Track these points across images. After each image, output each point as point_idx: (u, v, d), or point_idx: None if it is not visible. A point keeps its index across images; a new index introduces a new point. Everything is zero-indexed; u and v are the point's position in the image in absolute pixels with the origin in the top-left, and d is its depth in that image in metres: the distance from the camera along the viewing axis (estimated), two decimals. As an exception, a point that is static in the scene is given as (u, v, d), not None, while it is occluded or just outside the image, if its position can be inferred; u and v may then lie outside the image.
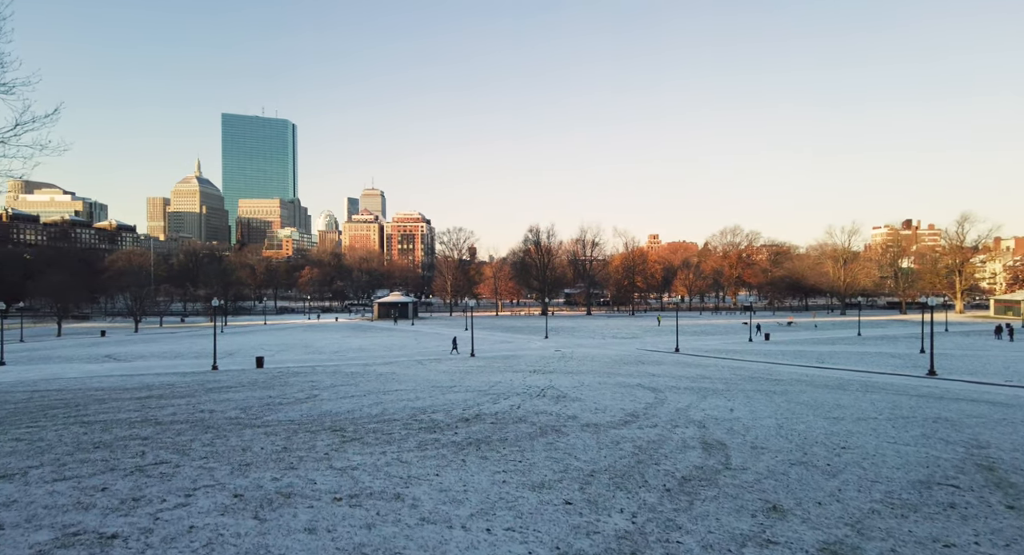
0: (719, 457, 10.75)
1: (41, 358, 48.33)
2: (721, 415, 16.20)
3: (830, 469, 10.03)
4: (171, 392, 21.37)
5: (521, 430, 13.30)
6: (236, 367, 37.98)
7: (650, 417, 15.38)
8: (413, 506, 7.80)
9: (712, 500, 8.22)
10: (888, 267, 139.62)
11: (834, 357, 42.06)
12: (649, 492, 8.55)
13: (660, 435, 12.88)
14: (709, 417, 15.70)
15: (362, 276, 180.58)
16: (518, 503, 8.02)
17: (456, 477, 9.33)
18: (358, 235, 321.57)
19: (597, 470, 9.76)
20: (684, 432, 13.34)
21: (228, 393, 20.81)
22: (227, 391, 21.56)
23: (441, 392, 21.01)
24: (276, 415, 15.63)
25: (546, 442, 12.04)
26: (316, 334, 74.60)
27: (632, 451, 11.15)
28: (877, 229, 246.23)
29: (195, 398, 19.28)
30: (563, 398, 19.04)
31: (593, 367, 33.48)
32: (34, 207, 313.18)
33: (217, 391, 21.58)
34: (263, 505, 7.72)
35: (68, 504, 7.68)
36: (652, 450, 11.27)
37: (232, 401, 18.38)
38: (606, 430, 13.35)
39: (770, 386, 24.72)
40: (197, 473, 9.45)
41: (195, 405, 17.71)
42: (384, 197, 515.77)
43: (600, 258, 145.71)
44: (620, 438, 12.46)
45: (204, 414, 15.89)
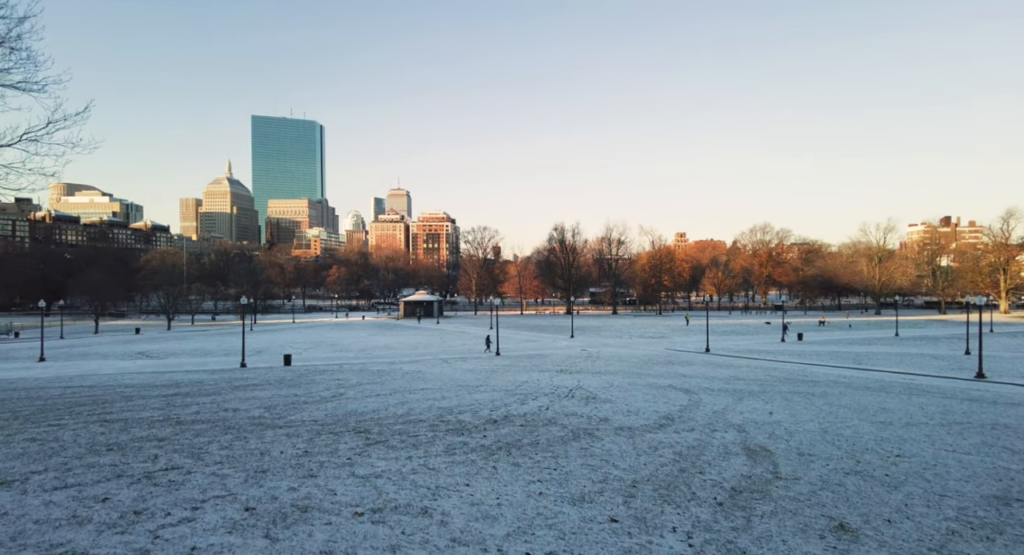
0: (766, 465, 10.04)
1: (79, 355, 49.57)
2: (760, 418, 15.42)
3: (890, 480, 9.23)
4: (198, 389, 21.40)
5: (552, 433, 12.71)
6: (264, 365, 38.24)
7: (686, 420, 14.68)
8: (442, 523, 7.14)
9: (771, 516, 7.53)
10: (926, 265, 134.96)
11: (872, 358, 40.50)
12: (700, 506, 7.87)
13: (699, 440, 12.20)
14: (748, 421, 14.93)
15: (388, 275, 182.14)
16: (558, 520, 7.34)
17: (488, 487, 8.69)
18: (384, 235, 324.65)
19: (639, 480, 9.09)
20: (724, 437, 12.63)
21: (254, 391, 20.74)
22: (253, 389, 21.51)
23: (467, 392, 20.60)
24: (300, 414, 15.35)
25: (580, 447, 11.42)
26: (343, 332, 75.17)
27: (673, 458, 10.50)
28: (913, 227, 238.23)
29: (220, 396, 19.22)
30: (593, 399, 18.42)
31: (621, 367, 32.72)
32: (75, 208, 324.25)
33: (243, 389, 21.56)
34: (276, 521, 7.09)
35: (62, 518, 7.14)
36: (694, 457, 10.60)
37: (257, 400, 18.26)
38: (641, 434, 12.71)
39: (807, 388, 23.71)
40: (208, 481, 8.90)
41: (219, 403, 17.57)
42: (410, 197, 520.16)
43: (626, 257, 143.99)
44: (657, 443, 11.82)
45: (227, 413, 15.68)
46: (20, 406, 17.26)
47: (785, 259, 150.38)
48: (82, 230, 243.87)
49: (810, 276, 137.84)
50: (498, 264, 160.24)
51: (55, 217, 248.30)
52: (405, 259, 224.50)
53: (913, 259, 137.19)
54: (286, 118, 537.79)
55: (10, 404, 17.80)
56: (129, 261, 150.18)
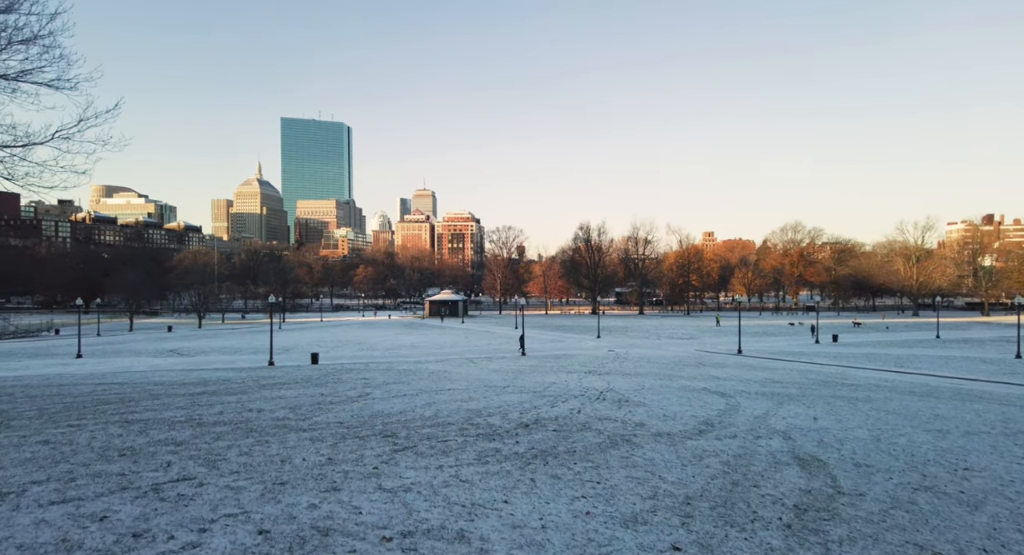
0: (823, 478, 9.23)
1: (114, 352, 50.67)
2: (804, 424, 14.54)
3: (966, 498, 8.36)
4: (225, 388, 21.31)
5: (588, 439, 12.06)
6: (292, 363, 38.39)
7: (726, 426, 13.89)
8: (482, 551, 6.29)
9: (850, 544, 6.66)
10: (966, 265, 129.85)
11: (913, 361, 38.79)
12: (767, 529, 7.06)
13: (744, 448, 11.42)
14: (792, 427, 14.07)
15: (414, 274, 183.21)
16: (613, 548, 6.46)
17: (529, 505, 7.91)
18: (410, 235, 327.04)
19: (692, 496, 8.32)
20: (770, 444, 11.83)
21: (280, 390, 20.56)
22: (280, 388, 21.35)
23: (495, 393, 20.08)
24: (325, 416, 14.99)
25: (620, 455, 10.71)
26: (369, 331, 75.55)
27: (721, 469, 9.77)
28: (953, 225, 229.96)
29: (246, 395, 19.05)
30: (626, 402, 17.71)
31: (651, 369, 31.84)
32: (113, 210, 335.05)
33: (270, 388, 21.41)
34: (293, 547, 6.22)
35: (51, 542, 6.29)
36: (743, 467, 9.85)
37: (283, 399, 18.01)
38: (681, 440, 11.99)
39: (849, 392, 22.58)
40: (221, 495, 8.12)
41: (244, 403, 17.32)
42: (435, 197, 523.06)
43: (653, 256, 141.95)
44: (701, 451, 11.08)
45: (251, 414, 15.36)
46: (49, 404, 17.31)
47: (817, 259, 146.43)
48: (119, 230, 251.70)
49: (843, 276, 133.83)
50: (523, 264, 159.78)
51: (94, 218, 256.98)
52: (430, 259, 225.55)
53: (953, 258, 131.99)
54: (314, 120, 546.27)
55: (40, 401, 17.90)
56: (163, 261, 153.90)
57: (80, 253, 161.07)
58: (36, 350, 53.14)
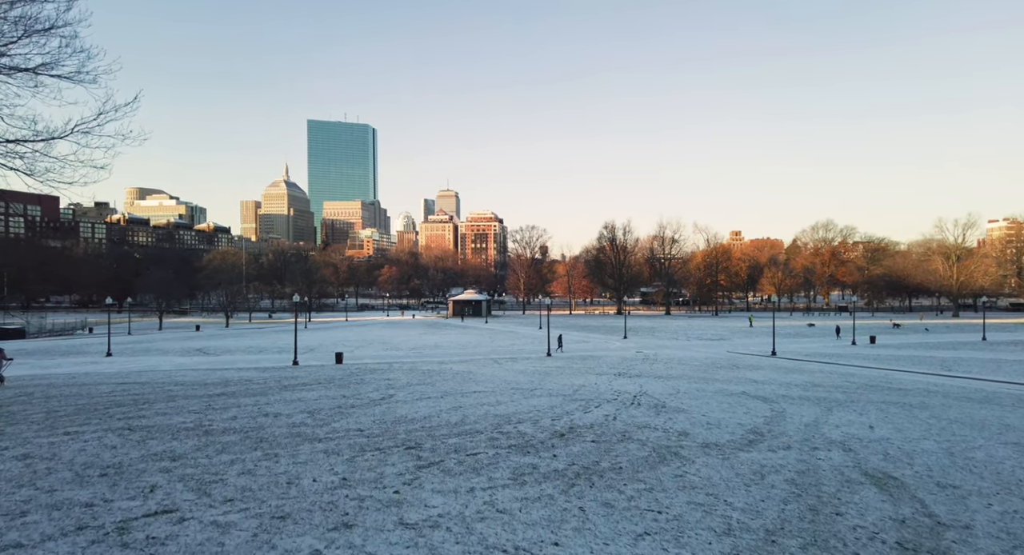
0: (911, 503, 8.08)
1: (142, 350, 51.25)
2: (861, 433, 13.35)
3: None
4: (244, 389, 20.79)
5: (632, 452, 10.97)
6: (316, 363, 38.13)
7: (777, 435, 12.79)
8: None
9: None
10: (1010, 264, 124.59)
11: (962, 364, 36.77)
12: None
13: (804, 462, 10.32)
14: (849, 436, 12.91)
15: (437, 274, 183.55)
16: None
17: (584, 547, 6.50)
18: (434, 235, 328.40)
19: (772, 529, 7.10)
20: (831, 458, 10.71)
21: (301, 392, 19.97)
22: (301, 389, 20.78)
23: (523, 396, 19.20)
24: (345, 421, 14.22)
25: (672, 474, 9.55)
26: (393, 330, 75.43)
27: (789, 489, 8.68)
28: (994, 223, 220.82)
29: (265, 397, 18.47)
30: (663, 408, 16.66)
31: (684, 371, 30.63)
32: (146, 211, 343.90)
33: (291, 389, 20.84)
34: None
35: None
36: (812, 487, 8.76)
37: (303, 402, 17.38)
38: (733, 453, 10.91)
39: (899, 397, 21.14)
40: (203, 538, 6.55)
41: (261, 407, 16.65)
42: (459, 198, 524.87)
43: (679, 256, 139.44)
44: (759, 466, 10.00)
45: (266, 419, 14.57)
46: (61, 405, 16.89)
47: (849, 258, 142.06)
48: (151, 231, 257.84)
49: (877, 276, 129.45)
50: (546, 263, 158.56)
51: (128, 220, 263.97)
52: (454, 259, 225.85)
53: (995, 257, 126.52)
54: (340, 122, 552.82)
55: (55, 402, 17.53)
56: (192, 261, 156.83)
57: (114, 254, 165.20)
58: (69, 348, 54.08)
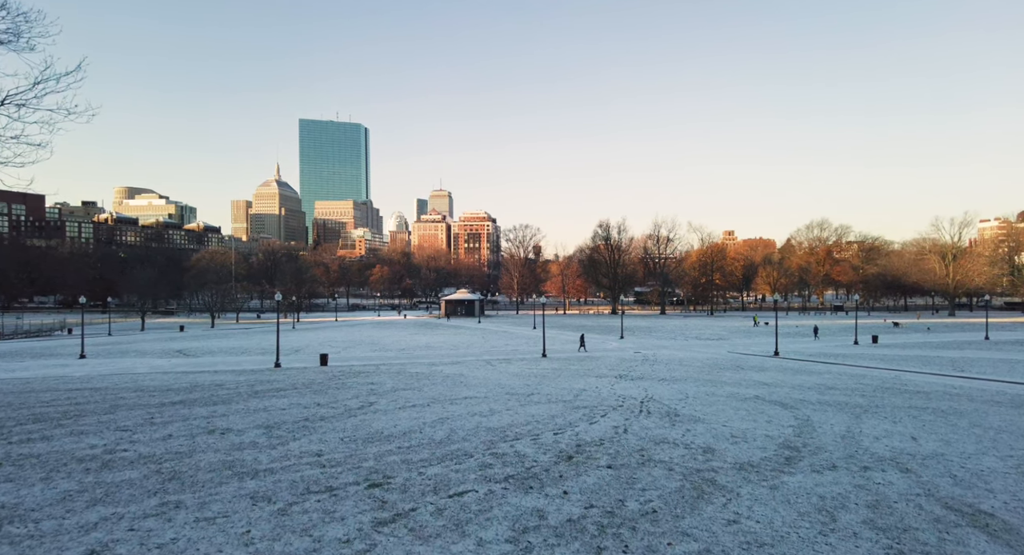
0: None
1: (120, 352, 49.01)
2: (907, 447, 11.65)
3: None
4: (208, 396, 18.65)
5: (660, 483, 8.77)
6: (299, 364, 36.24)
7: (814, 451, 11.03)
8: None
9: None
10: (1003, 263, 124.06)
11: (973, 364, 35.34)
12: None
13: (865, 490, 8.49)
14: (898, 452, 11.18)
15: (430, 274, 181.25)
16: None
17: None
18: (426, 234, 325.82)
19: None
20: (892, 483, 8.91)
21: (271, 399, 17.93)
22: (272, 396, 18.75)
23: (519, 402, 17.34)
24: (306, 440, 11.93)
25: (722, 517, 7.44)
26: (383, 331, 73.40)
27: (879, 540, 6.71)
28: (986, 222, 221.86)
29: (227, 406, 16.44)
30: (676, 417, 14.86)
31: (687, 373, 28.94)
32: (135, 211, 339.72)
33: (261, 396, 18.77)
34: None
35: None
36: (905, 535, 6.83)
37: (266, 412, 15.36)
38: (776, 476, 9.07)
39: (924, 401, 19.51)
40: None
41: (213, 420, 14.40)
42: (452, 198, 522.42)
43: (674, 255, 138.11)
44: (819, 499, 8.11)
45: (207, 439, 12.10)
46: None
47: (844, 257, 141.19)
48: (140, 231, 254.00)
49: (873, 275, 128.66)
50: (540, 263, 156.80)
51: (116, 219, 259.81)
52: (447, 258, 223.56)
53: (988, 257, 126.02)
54: (332, 121, 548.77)
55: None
56: (181, 260, 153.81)
57: (99, 253, 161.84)
58: (43, 350, 51.77)
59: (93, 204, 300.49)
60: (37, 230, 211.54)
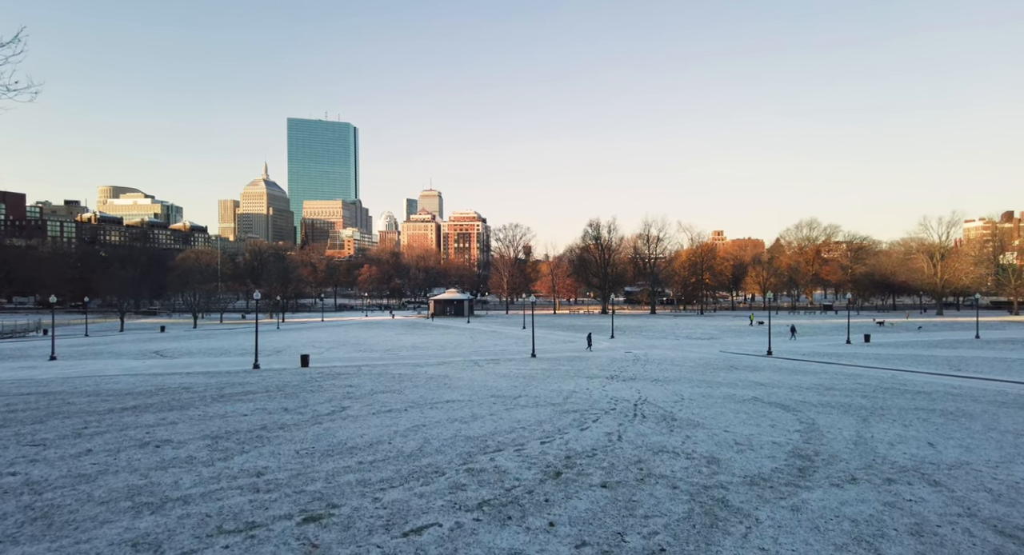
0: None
1: (94, 353, 47.24)
2: (926, 455, 10.66)
3: None
4: (168, 401, 17.17)
5: (664, 506, 7.38)
6: (279, 366, 34.88)
7: (828, 460, 9.98)
8: None
9: None
10: (989, 263, 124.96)
11: (968, 363, 34.74)
12: None
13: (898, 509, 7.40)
14: (918, 461, 10.17)
15: (419, 274, 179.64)
16: None
17: None
18: (416, 234, 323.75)
19: None
20: (924, 499, 7.84)
21: (236, 403, 16.57)
22: (239, 400, 17.38)
23: (504, 406, 16.17)
24: (252, 455, 10.29)
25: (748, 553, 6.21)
26: (370, 331, 71.94)
27: None
28: (970, 222, 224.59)
29: (183, 412, 15.07)
30: (673, 421, 13.77)
31: (680, 373, 27.97)
32: (119, 210, 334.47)
33: (226, 400, 17.40)
34: None
35: None
36: None
37: (223, 420, 14.01)
38: (794, 493, 7.97)
39: (928, 402, 18.63)
40: None
41: (156, 430, 12.72)
42: (441, 198, 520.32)
43: (663, 255, 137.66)
44: (851, 524, 6.99)
45: (138, 454, 10.45)
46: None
47: (833, 257, 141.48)
48: (124, 231, 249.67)
49: (861, 274, 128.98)
50: (530, 263, 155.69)
51: (100, 219, 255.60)
52: (436, 258, 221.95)
53: (974, 256, 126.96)
54: (321, 120, 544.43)
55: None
56: (165, 260, 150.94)
57: (80, 253, 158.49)
58: (13, 351, 49.88)
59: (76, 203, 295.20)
60: (17, 229, 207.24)
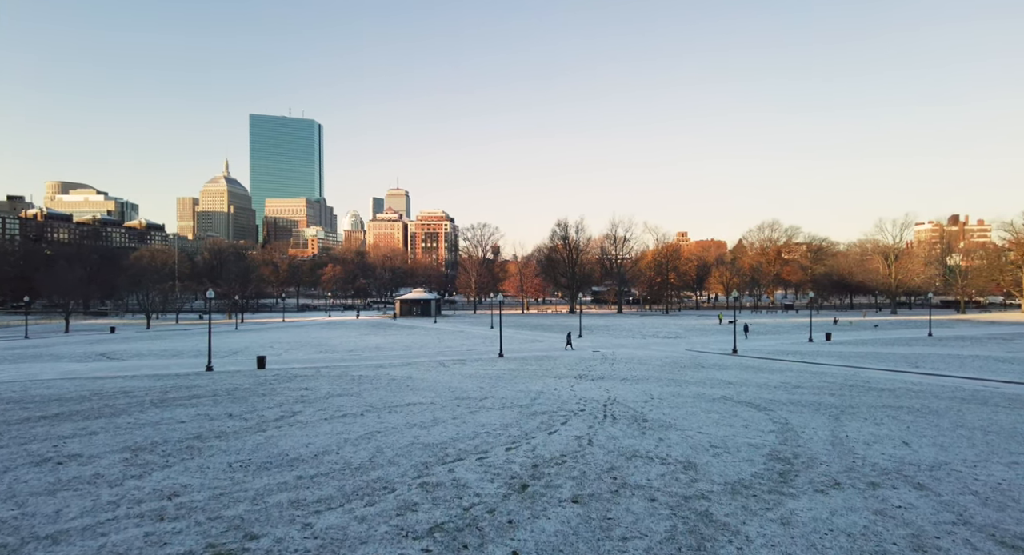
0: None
1: (32, 356, 44.33)
2: (903, 455, 10.32)
3: None
4: (98, 407, 15.49)
5: (644, 524, 6.45)
6: (233, 368, 33.24)
7: (808, 463, 9.49)
8: None
9: None
10: (937, 264, 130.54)
11: (925, 361, 35.56)
12: None
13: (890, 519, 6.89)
14: (897, 462, 9.81)
15: (385, 273, 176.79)
16: None
17: None
18: (382, 233, 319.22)
19: None
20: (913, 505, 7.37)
21: (176, 409, 15.17)
22: (180, 406, 15.97)
23: (468, 409, 15.31)
24: (180, 468, 8.86)
25: None
26: (333, 331, 69.98)
27: None
28: (920, 225, 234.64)
29: (111, 420, 13.60)
30: (645, 422, 13.17)
31: (648, 372, 27.68)
32: (69, 207, 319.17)
33: (165, 405, 15.93)
34: None
35: None
36: None
37: (157, 427, 12.68)
38: (780, 503, 7.35)
39: (893, 400, 18.67)
40: None
41: (69, 441, 11.17)
42: (409, 197, 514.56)
43: (630, 255, 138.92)
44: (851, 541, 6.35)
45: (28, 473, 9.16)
46: None
47: (793, 258, 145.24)
48: (74, 228, 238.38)
49: (820, 274, 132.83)
50: (498, 263, 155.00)
51: (47, 215, 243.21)
52: (403, 258, 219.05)
53: (924, 257, 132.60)
54: (285, 117, 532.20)
55: None
56: (119, 259, 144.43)
57: (22, 251, 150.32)
58: (-57, 355, 46.38)
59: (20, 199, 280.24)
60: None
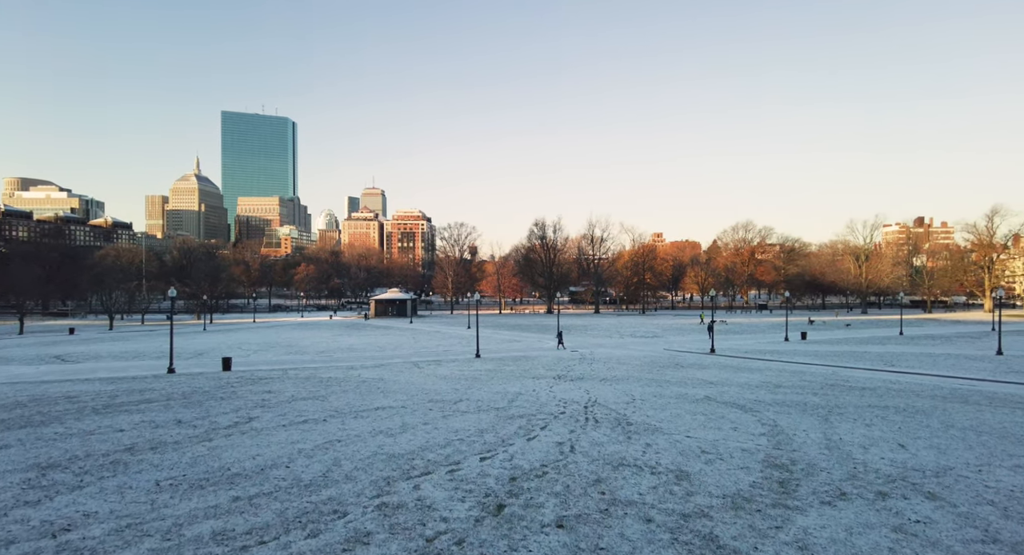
0: None
1: (-22, 359, 41.87)
2: (904, 459, 9.76)
3: None
4: (30, 414, 13.92)
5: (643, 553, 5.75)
6: (197, 369, 31.70)
7: (808, 470, 8.81)
8: None
9: None
10: (905, 265, 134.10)
11: (900, 359, 35.77)
12: None
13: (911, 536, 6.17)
14: (898, 466, 9.21)
15: (360, 273, 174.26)
16: None
17: None
18: (358, 233, 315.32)
19: None
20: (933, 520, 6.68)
21: (118, 416, 13.80)
22: (124, 412, 14.59)
23: (441, 412, 14.37)
24: (93, 489, 7.51)
25: None
26: (305, 332, 68.17)
27: None
28: (888, 227, 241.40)
29: (38, 429, 12.24)
30: (630, 426, 12.40)
31: (628, 372, 27.09)
32: (29, 204, 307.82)
33: (108, 412, 14.54)
34: None
35: None
36: None
37: (91, 436, 11.40)
38: (792, 521, 6.58)
39: (877, 399, 18.35)
40: None
41: None
42: (385, 196, 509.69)
43: (607, 255, 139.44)
44: None
45: None
46: None
47: (767, 258, 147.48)
48: (34, 226, 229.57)
49: (793, 275, 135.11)
50: (475, 263, 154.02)
51: (4, 212, 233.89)
52: (379, 257, 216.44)
53: (892, 258, 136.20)
54: (258, 114, 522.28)
55: None
56: (82, 258, 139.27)
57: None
58: None
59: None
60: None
